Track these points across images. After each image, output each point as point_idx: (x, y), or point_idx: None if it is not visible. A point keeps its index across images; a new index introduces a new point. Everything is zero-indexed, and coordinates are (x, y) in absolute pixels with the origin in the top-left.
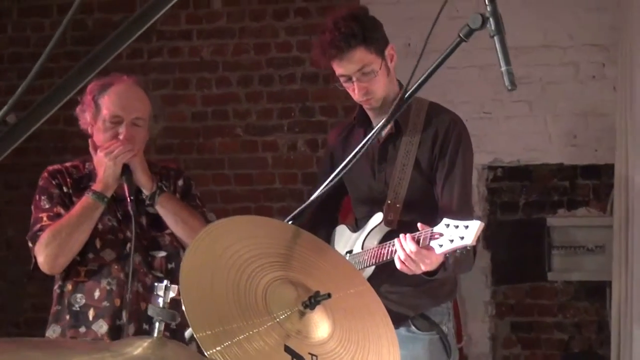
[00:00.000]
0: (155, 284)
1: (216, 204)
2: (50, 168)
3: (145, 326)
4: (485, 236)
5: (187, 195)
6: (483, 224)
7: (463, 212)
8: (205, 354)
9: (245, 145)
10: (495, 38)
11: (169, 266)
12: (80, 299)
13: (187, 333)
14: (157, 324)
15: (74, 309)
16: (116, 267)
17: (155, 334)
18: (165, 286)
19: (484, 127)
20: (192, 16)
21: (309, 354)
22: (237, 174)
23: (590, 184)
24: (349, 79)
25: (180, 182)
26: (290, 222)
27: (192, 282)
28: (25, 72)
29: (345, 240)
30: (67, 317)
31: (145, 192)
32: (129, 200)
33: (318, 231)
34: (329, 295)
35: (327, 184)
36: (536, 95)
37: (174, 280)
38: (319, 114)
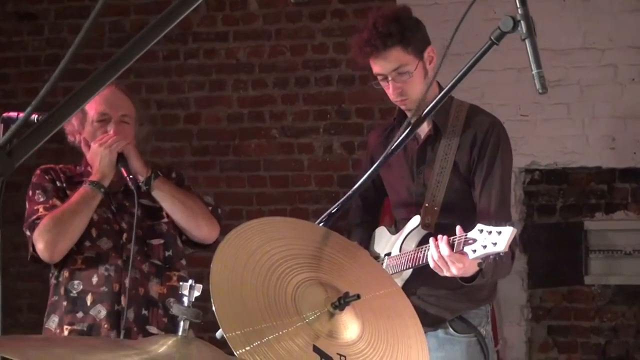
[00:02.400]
0: (180, 283)
1: (252, 206)
2: (42, 167)
3: (145, 311)
4: (522, 239)
5: (181, 185)
6: (516, 230)
7: (501, 216)
8: (235, 353)
9: (281, 147)
10: (526, 41)
11: (166, 254)
12: (77, 285)
13: (218, 334)
14: (181, 323)
15: (71, 295)
16: (113, 254)
17: (180, 333)
18: (190, 285)
19: (521, 130)
20: (228, 18)
21: (338, 354)
22: (273, 176)
23: (629, 187)
24: (385, 78)
25: (173, 175)
26: (322, 224)
27: (222, 283)
28: (63, 73)
29: (385, 242)
30: (65, 303)
31: (141, 178)
32: (128, 178)
33: (359, 233)
34: (358, 297)
35: (359, 185)
36: (574, 98)
37: (171, 267)
38: (355, 116)
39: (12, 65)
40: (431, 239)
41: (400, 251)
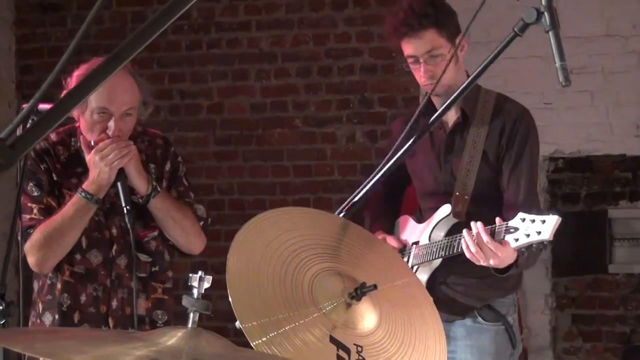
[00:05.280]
0: (190, 275)
1: (275, 196)
2: (37, 147)
3: (131, 329)
4: None
5: (175, 180)
6: (560, 219)
7: (530, 205)
8: (252, 344)
9: (304, 136)
10: (550, 33)
11: (153, 269)
12: (67, 299)
13: (237, 324)
14: (191, 315)
15: (62, 309)
16: (102, 272)
17: (190, 325)
18: (200, 277)
19: (545, 118)
20: (250, 7)
21: (355, 345)
22: (296, 165)
23: None
24: (417, 60)
25: (167, 166)
26: (343, 213)
27: (239, 273)
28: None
29: (411, 231)
30: (56, 316)
31: (140, 194)
32: (125, 210)
33: (381, 222)
34: (375, 287)
35: (379, 177)
36: (598, 85)
37: (157, 280)
38: (378, 105)
39: (35, 56)
40: (465, 231)
41: (429, 240)
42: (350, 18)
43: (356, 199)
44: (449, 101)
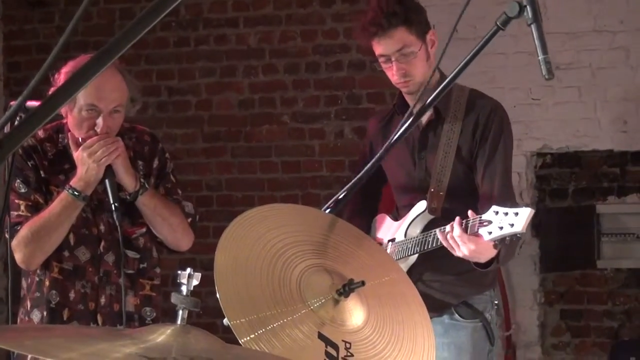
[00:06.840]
0: (178, 272)
1: (263, 192)
2: (24, 144)
3: (119, 326)
4: (534, 223)
5: (163, 177)
6: (533, 211)
7: (505, 199)
8: (240, 341)
9: (292, 132)
10: (532, 26)
11: (141, 266)
12: (55, 296)
13: (225, 321)
14: (180, 312)
15: (51, 305)
16: (90, 269)
17: (179, 322)
18: (189, 274)
19: (532, 113)
20: (238, 3)
21: (343, 341)
22: (284, 161)
23: None
24: (388, 59)
25: (155, 163)
26: (328, 211)
27: (227, 270)
28: (55, 62)
29: (387, 228)
30: (45, 313)
31: (128, 191)
32: (113, 207)
33: (358, 220)
34: (362, 283)
35: (365, 172)
36: (586, 81)
37: (144, 276)
38: (366, 101)
39: (23, 53)
40: (438, 230)
41: (405, 237)
42: (338, 14)
43: (342, 196)
44: (432, 95)
